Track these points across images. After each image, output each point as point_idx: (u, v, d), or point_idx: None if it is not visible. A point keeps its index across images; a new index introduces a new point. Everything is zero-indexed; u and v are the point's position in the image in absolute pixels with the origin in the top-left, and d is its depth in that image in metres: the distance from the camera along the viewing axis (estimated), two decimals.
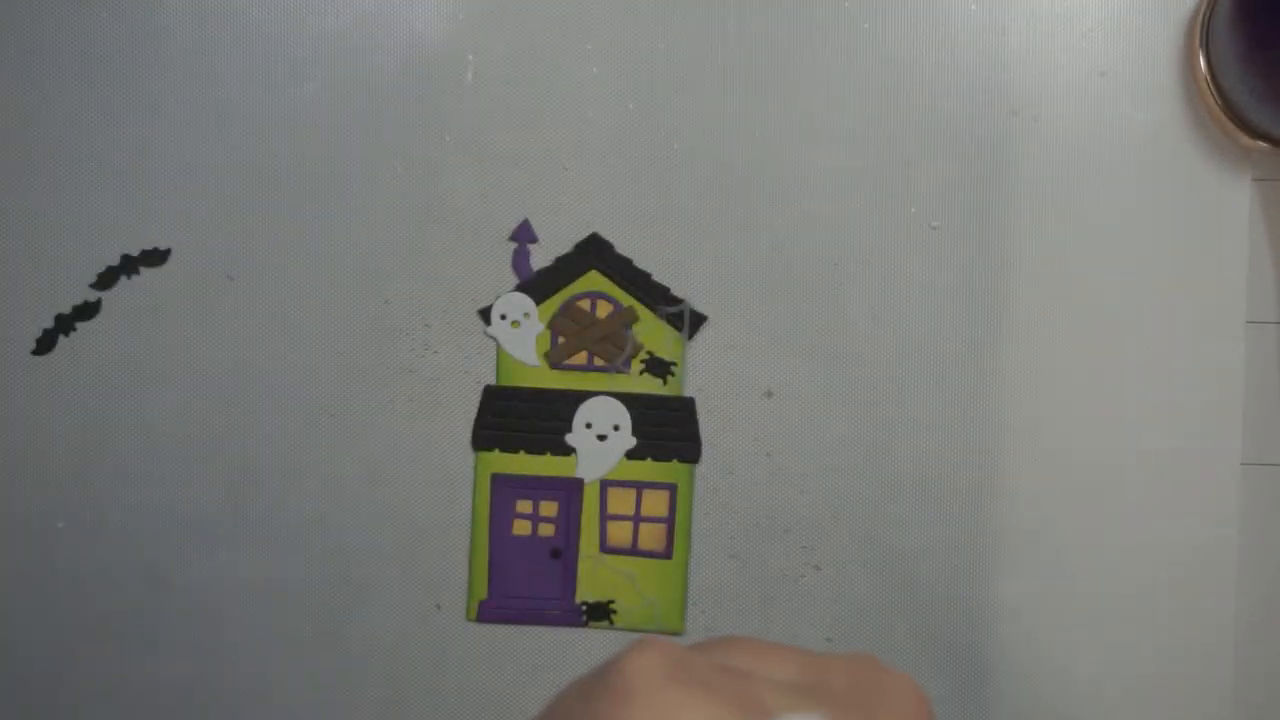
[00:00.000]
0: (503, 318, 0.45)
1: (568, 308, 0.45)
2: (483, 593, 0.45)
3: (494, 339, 0.45)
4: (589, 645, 0.45)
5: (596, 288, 0.45)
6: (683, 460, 0.45)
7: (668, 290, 0.45)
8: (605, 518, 0.45)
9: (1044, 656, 0.45)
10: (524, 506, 0.45)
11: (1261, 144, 0.44)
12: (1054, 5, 0.45)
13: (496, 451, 0.45)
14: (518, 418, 0.45)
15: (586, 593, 0.45)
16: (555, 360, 0.45)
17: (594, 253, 0.45)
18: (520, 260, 0.45)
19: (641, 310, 0.45)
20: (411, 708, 0.45)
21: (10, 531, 0.44)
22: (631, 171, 0.45)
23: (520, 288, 0.45)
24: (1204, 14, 0.44)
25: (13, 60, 0.45)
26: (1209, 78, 0.44)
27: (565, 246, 0.45)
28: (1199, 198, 0.45)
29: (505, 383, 0.45)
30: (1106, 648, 0.45)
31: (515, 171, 0.45)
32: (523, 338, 0.45)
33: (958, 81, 0.45)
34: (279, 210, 0.45)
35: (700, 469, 0.45)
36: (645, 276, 0.45)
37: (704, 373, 0.45)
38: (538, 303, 0.45)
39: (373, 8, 0.45)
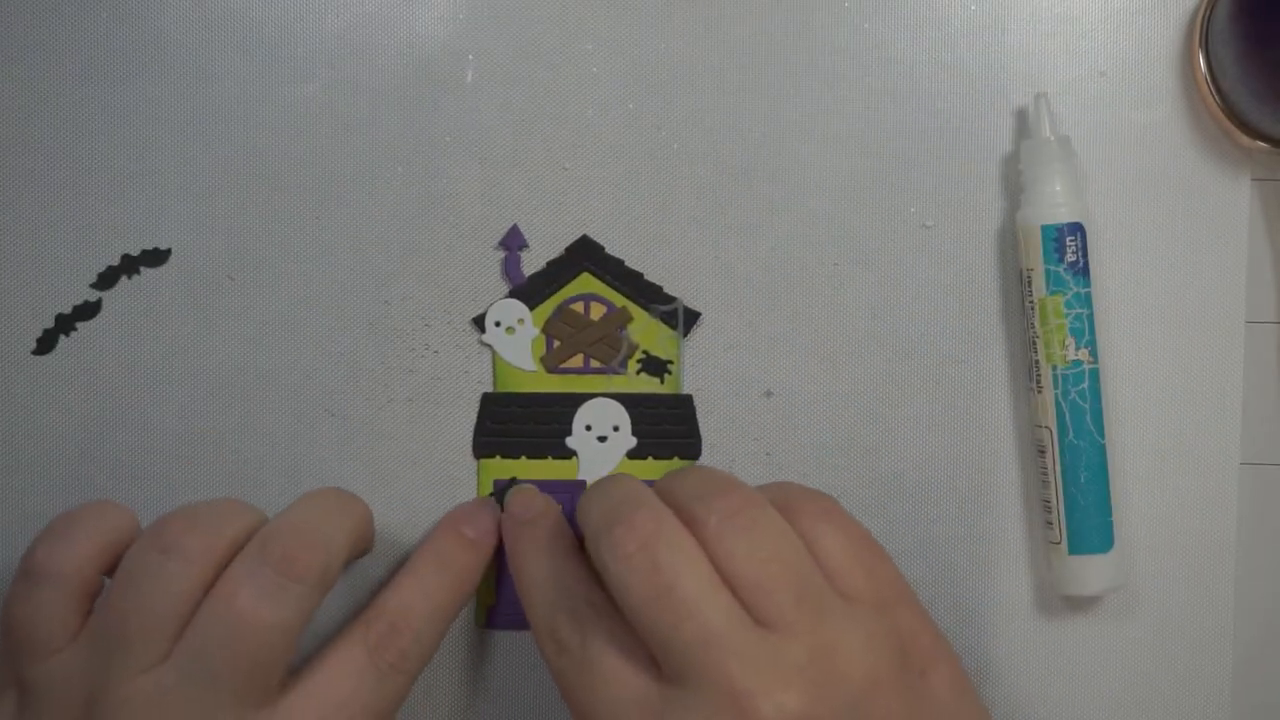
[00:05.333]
0: (497, 324, 0.45)
1: (561, 311, 0.45)
2: (490, 598, 0.45)
3: (489, 346, 0.45)
4: None
5: (589, 290, 0.45)
6: (684, 457, 0.45)
7: (660, 289, 0.45)
8: None
9: (1043, 655, 0.45)
10: None
11: (1261, 144, 0.44)
12: (1054, 5, 0.45)
13: (498, 458, 0.45)
14: (517, 424, 0.45)
15: None
16: (552, 364, 0.45)
17: (585, 255, 0.45)
18: (511, 266, 0.45)
19: (635, 310, 0.45)
20: (412, 709, 0.45)
21: (10, 531, 0.45)
22: (631, 171, 0.45)
23: (513, 294, 0.45)
24: (1204, 14, 0.44)
25: (12, 60, 0.45)
26: (1209, 78, 0.44)
27: (566, 246, 0.45)
28: (1198, 197, 0.45)
29: (503, 389, 0.45)
30: (1106, 646, 0.45)
31: (515, 172, 0.45)
32: (518, 344, 0.45)
33: (958, 81, 0.45)
34: (279, 210, 0.45)
35: None
36: (637, 276, 0.45)
37: (703, 373, 0.45)
38: (531, 308, 0.45)
39: (373, 8, 0.45)
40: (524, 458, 0.45)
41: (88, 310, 0.45)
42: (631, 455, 0.45)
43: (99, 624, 0.37)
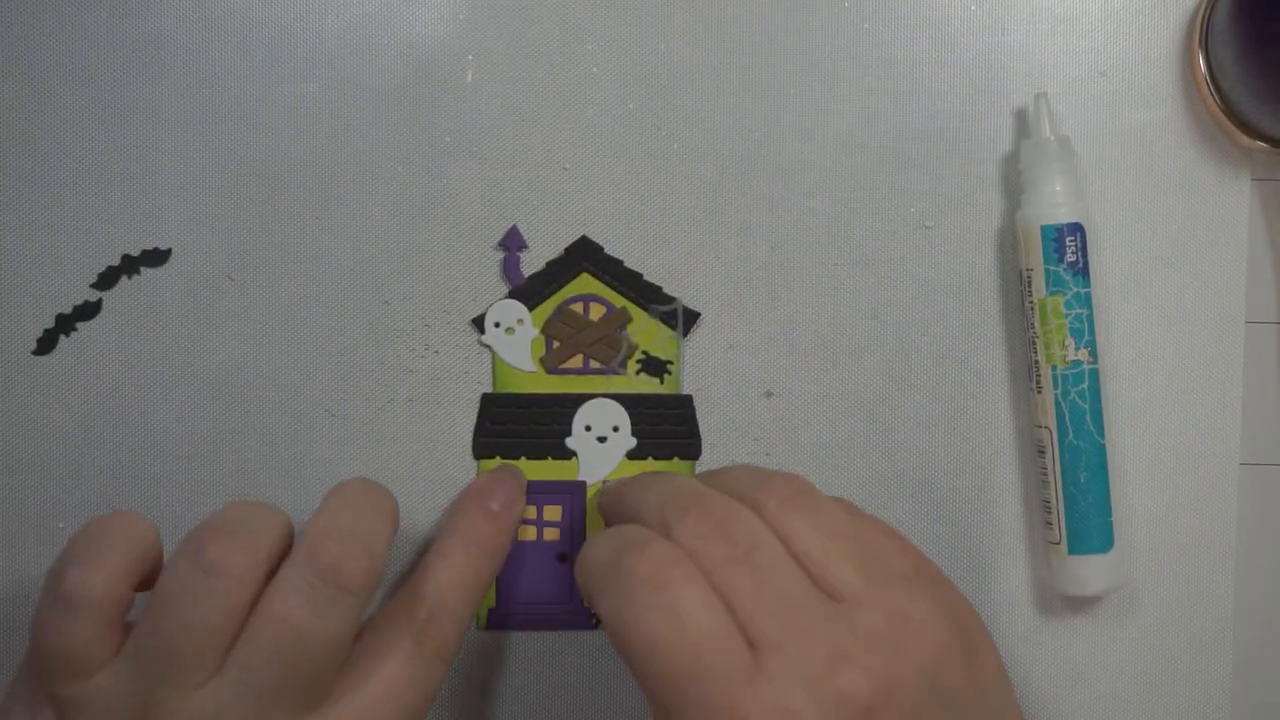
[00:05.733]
0: (496, 325, 0.45)
1: (560, 312, 0.45)
2: (491, 600, 0.45)
3: (489, 347, 0.45)
4: (598, 647, 0.45)
5: (589, 290, 0.45)
6: (684, 458, 0.45)
7: (660, 289, 0.45)
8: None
9: (1043, 655, 0.45)
10: (528, 512, 0.45)
11: (1261, 144, 0.44)
12: (1054, 5, 0.45)
13: (498, 459, 0.45)
14: (517, 424, 0.45)
15: None
16: (551, 365, 0.45)
17: (584, 255, 0.45)
18: (511, 267, 0.45)
19: (635, 310, 0.45)
20: None
21: (10, 531, 0.45)
22: (631, 172, 0.45)
23: (512, 294, 0.45)
24: (1204, 14, 0.44)
25: (12, 60, 0.45)
26: (1209, 78, 0.44)
27: (565, 247, 0.45)
28: (1198, 197, 0.45)
29: (503, 389, 0.45)
30: (1106, 646, 0.45)
31: (515, 172, 0.45)
32: (517, 344, 0.45)
33: (958, 81, 0.45)
34: (279, 210, 0.45)
35: (700, 468, 0.45)
36: (637, 277, 0.45)
37: (703, 373, 0.45)
38: (530, 308, 0.45)
39: (373, 8, 0.45)
40: (524, 458, 0.45)
41: (88, 310, 0.45)
42: (631, 456, 0.45)
43: (142, 644, 0.36)
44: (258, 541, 0.37)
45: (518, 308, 0.45)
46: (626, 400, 0.45)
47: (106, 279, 0.45)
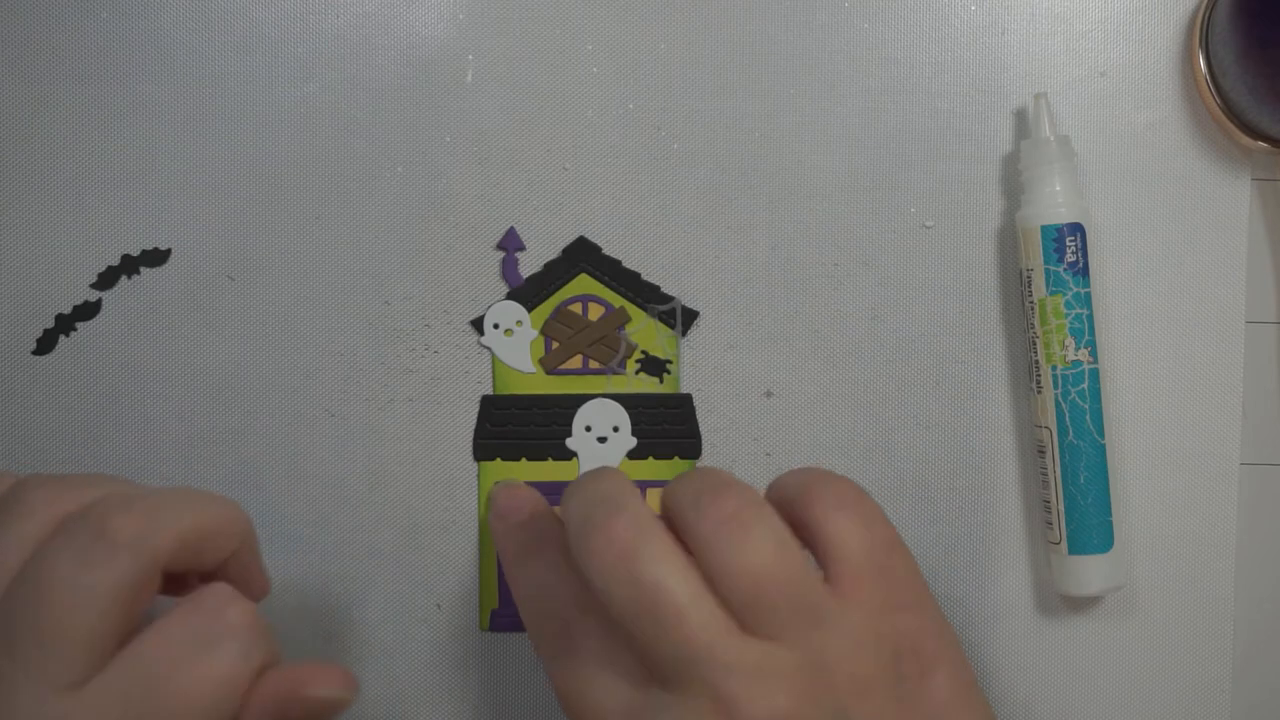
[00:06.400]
0: (495, 326, 0.45)
1: (559, 312, 0.45)
2: (493, 602, 0.45)
3: (488, 348, 0.45)
4: None
5: (587, 290, 0.45)
6: (684, 457, 0.45)
7: (658, 289, 0.45)
8: None
9: (1043, 655, 0.45)
10: None
11: (1261, 144, 0.44)
12: (1054, 5, 0.45)
13: (498, 461, 0.45)
14: (517, 425, 0.45)
15: None
16: (550, 366, 0.45)
17: (582, 256, 0.45)
18: (509, 268, 0.45)
19: (633, 310, 0.45)
20: (410, 709, 0.45)
21: None
22: (631, 172, 0.45)
23: (511, 295, 0.45)
24: (1204, 14, 0.44)
25: (12, 60, 0.45)
26: (1209, 78, 0.44)
27: (563, 248, 0.45)
28: (1198, 198, 0.45)
29: (502, 391, 0.45)
30: (1106, 646, 0.45)
31: (514, 172, 0.45)
32: (516, 345, 0.45)
33: (957, 81, 0.45)
34: (279, 210, 0.45)
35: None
36: (634, 276, 0.45)
37: (703, 373, 0.45)
38: (529, 309, 0.45)
39: (373, 8, 0.45)
40: (524, 459, 0.45)
41: (88, 310, 0.45)
42: (632, 455, 0.45)
43: None
44: (69, 491, 0.34)
45: (516, 309, 0.45)
46: (626, 400, 0.45)
47: (106, 279, 0.45)
